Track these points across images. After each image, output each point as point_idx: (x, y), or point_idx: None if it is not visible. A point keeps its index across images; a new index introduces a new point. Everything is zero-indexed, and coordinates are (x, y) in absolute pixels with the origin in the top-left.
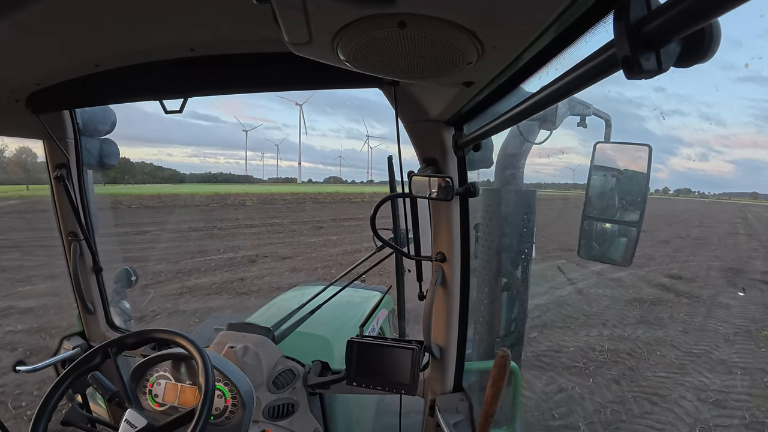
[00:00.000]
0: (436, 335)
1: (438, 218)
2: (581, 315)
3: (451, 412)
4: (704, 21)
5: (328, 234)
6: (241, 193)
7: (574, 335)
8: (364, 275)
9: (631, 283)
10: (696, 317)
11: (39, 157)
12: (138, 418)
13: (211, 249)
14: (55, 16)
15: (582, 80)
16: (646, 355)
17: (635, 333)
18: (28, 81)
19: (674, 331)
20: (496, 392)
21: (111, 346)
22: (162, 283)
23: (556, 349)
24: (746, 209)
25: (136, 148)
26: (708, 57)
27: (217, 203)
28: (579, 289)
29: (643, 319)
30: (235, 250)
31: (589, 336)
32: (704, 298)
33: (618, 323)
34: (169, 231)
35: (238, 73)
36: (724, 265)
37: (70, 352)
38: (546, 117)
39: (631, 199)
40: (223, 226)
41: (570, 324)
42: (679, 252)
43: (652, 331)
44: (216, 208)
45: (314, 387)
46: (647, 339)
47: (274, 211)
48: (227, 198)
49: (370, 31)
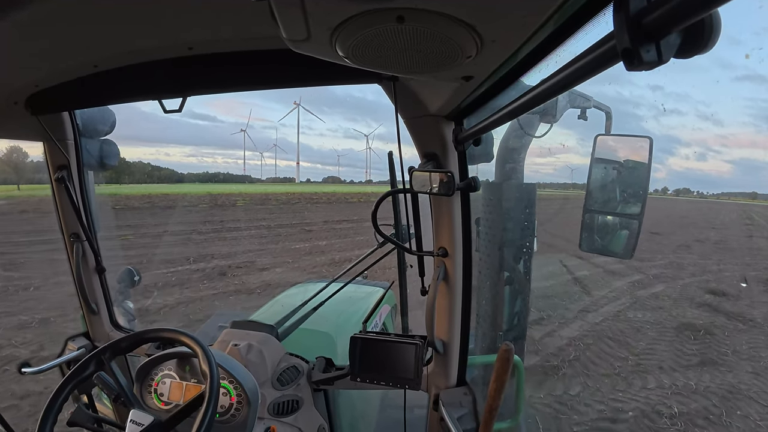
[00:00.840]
0: (438, 330)
1: (439, 213)
2: (629, 354)
3: (455, 406)
4: (704, 12)
5: (317, 239)
6: (234, 193)
7: (628, 387)
8: (365, 271)
9: (672, 302)
10: (761, 349)
11: (30, 157)
12: (143, 416)
13: (180, 257)
14: (53, 17)
15: (582, 72)
16: (725, 417)
17: (701, 380)
18: (27, 83)
19: (744, 372)
20: (499, 386)
21: (103, 352)
22: None
23: (610, 416)
24: (749, 210)
25: (134, 148)
26: (708, 48)
27: (207, 204)
28: (615, 314)
29: (704, 357)
30: (207, 259)
31: (648, 389)
32: (759, 322)
33: (677, 365)
34: (143, 235)
35: (236, 71)
36: (761, 276)
37: (75, 352)
38: (546, 110)
39: (632, 192)
40: (203, 230)
41: (619, 369)
42: (707, 259)
43: (720, 374)
44: (203, 209)
45: (318, 383)
46: (719, 389)
47: (264, 212)
48: (219, 198)
49: (369, 26)
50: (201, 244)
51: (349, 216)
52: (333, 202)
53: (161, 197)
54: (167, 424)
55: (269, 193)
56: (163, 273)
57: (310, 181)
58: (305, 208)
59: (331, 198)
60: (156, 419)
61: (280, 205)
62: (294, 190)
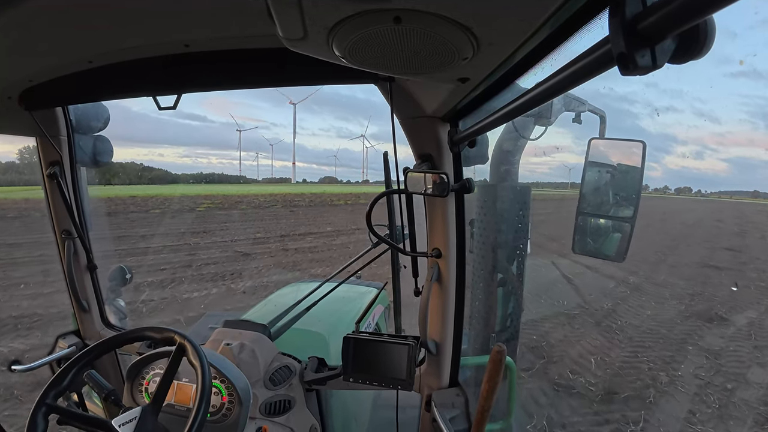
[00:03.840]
0: (432, 331)
1: (433, 214)
2: None
3: (448, 407)
4: (700, 17)
5: (257, 261)
6: (212, 194)
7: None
8: (359, 271)
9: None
10: None
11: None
12: (130, 414)
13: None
14: (49, 13)
15: (577, 76)
16: None
17: None
18: (21, 78)
19: None
20: (492, 387)
21: (93, 351)
22: None
23: None
24: (763, 210)
25: (127, 149)
26: (703, 53)
27: (167, 208)
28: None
29: None
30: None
31: None
32: None
33: None
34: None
35: (232, 69)
36: None
37: (65, 350)
38: (541, 113)
39: (625, 195)
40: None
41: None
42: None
43: None
44: (155, 215)
45: (311, 383)
46: None
47: (216, 221)
48: (184, 201)
49: (366, 26)
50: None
51: (320, 226)
52: (315, 204)
53: (126, 200)
54: (153, 407)
55: (246, 195)
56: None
57: (306, 182)
58: (275, 214)
59: (315, 200)
60: (143, 408)
61: (255, 210)
62: (282, 191)
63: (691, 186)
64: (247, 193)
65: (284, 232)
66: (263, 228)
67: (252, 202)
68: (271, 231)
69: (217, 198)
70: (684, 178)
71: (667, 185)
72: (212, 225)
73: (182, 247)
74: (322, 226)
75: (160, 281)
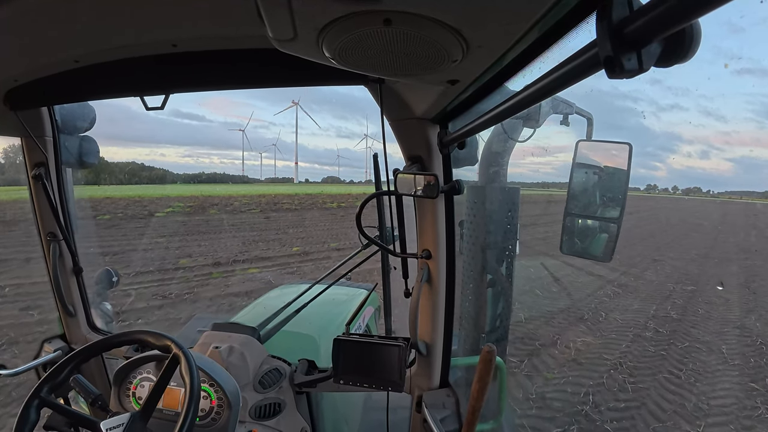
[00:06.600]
0: (422, 332)
1: (423, 216)
2: None
3: (438, 408)
4: (686, 21)
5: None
6: (188, 195)
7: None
8: (349, 273)
9: None
10: None
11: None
12: (118, 419)
13: None
14: (34, 11)
15: (565, 79)
16: None
17: None
18: (6, 77)
19: None
20: (482, 387)
21: (79, 355)
22: None
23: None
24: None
25: (128, 149)
26: (688, 57)
27: (124, 213)
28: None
29: None
30: None
31: None
32: None
33: None
34: None
35: (221, 70)
36: None
37: (51, 355)
38: (530, 115)
39: (611, 196)
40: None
41: None
42: None
43: None
44: (104, 221)
45: (301, 386)
46: None
47: (171, 229)
48: (158, 203)
49: (356, 28)
50: None
51: (288, 242)
52: (303, 207)
53: (100, 202)
54: (143, 414)
55: (231, 196)
56: None
57: (308, 182)
58: (243, 221)
59: (305, 202)
60: (132, 414)
61: (216, 216)
62: (277, 191)
63: (690, 186)
64: (235, 194)
65: (228, 255)
66: (206, 246)
67: (229, 205)
68: (213, 251)
69: (197, 199)
70: (688, 178)
71: (677, 185)
72: (143, 240)
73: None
74: (289, 243)
75: None
